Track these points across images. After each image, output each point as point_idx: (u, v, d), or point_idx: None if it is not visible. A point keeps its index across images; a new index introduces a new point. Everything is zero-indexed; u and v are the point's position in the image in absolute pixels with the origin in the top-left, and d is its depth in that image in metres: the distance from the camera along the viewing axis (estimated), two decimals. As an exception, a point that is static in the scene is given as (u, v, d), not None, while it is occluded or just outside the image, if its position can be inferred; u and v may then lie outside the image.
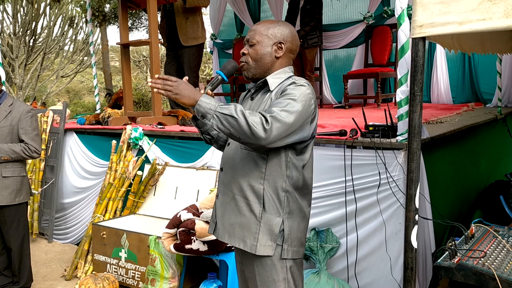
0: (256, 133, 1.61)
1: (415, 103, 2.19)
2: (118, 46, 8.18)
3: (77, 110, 14.91)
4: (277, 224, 1.79)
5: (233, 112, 1.62)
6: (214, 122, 1.65)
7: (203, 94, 1.70)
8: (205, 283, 3.14)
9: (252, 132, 1.61)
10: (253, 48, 1.86)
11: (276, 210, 1.79)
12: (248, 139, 1.64)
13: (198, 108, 1.66)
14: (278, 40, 1.86)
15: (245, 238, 1.81)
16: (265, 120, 1.63)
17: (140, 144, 4.17)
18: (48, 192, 4.65)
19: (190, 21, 5.42)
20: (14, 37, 10.12)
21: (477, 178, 4.19)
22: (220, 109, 1.63)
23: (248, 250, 1.81)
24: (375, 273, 2.94)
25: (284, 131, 1.67)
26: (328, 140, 3.11)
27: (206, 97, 1.68)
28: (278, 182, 1.79)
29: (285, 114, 1.66)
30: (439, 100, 5.87)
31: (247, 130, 1.61)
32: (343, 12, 6.69)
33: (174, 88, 1.68)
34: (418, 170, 2.22)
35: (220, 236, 1.91)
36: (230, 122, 1.62)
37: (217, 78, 1.89)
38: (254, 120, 1.62)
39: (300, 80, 1.80)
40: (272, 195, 1.79)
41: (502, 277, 2.03)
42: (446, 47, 2.70)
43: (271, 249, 1.79)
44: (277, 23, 1.89)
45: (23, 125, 3.33)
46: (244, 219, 1.82)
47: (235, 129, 1.63)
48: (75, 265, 3.94)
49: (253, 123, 1.61)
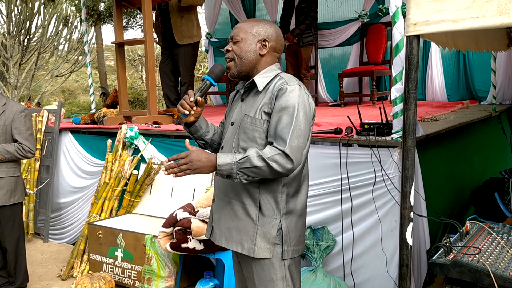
0: (283, 171, 1.68)
1: (410, 101, 2.20)
2: (113, 45, 8.16)
3: (72, 109, 14.86)
4: (274, 226, 1.79)
5: (254, 163, 1.66)
6: (241, 178, 1.69)
7: (217, 155, 1.70)
8: (202, 281, 3.14)
9: (278, 172, 1.68)
10: (237, 45, 1.85)
11: (272, 212, 1.80)
12: (278, 175, 1.71)
13: (221, 173, 1.69)
14: (262, 37, 1.85)
15: (243, 242, 1.81)
16: (285, 155, 1.67)
17: (136, 143, 4.17)
18: (44, 192, 4.63)
19: (185, 19, 5.41)
20: (8, 36, 10.06)
21: (471, 175, 4.22)
22: (240, 165, 1.67)
23: (246, 254, 1.81)
24: (371, 270, 2.95)
25: (303, 152, 1.74)
26: (323, 138, 3.11)
27: (221, 157, 1.69)
28: (273, 184, 1.79)
29: (297, 142, 1.70)
30: (434, 97, 5.90)
31: (273, 172, 1.68)
32: (338, 10, 6.71)
33: (190, 165, 1.68)
34: (413, 168, 2.23)
35: (217, 240, 1.90)
36: (255, 172, 1.67)
37: (205, 83, 1.88)
38: (274, 159, 1.66)
39: (290, 82, 1.78)
40: (268, 197, 1.79)
41: (497, 273, 2.04)
42: (441, 45, 2.71)
43: (269, 251, 1.79)
44: (262, 22, 1.89)
45: (16, 125, 3.31)
46: (241, 223, 1.82)
47: (262, 175, 1.69)
48: (71, 265, 3.93)
49: (274, 165, 1.66)
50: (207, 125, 2.04)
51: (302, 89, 1.77)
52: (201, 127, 2.00)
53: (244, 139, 1.81)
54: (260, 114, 1.78)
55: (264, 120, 1.78)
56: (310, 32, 5.59)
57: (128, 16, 12.67)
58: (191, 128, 1.99)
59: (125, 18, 12.57)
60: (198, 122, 1.98)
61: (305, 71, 5.68)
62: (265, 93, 1.82)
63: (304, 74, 5.66)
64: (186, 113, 1.86)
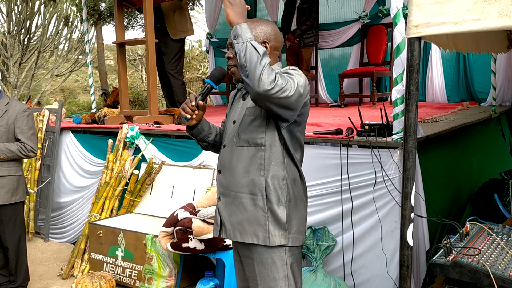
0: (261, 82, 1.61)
1: (411, 102, 2.21)
2: (113, 45, 8.17)
3: (71, 109, 14.85)
4: (282, 213, 1.81)
5: (261, 51, 1.63)
6: (240, 47, 1.65)
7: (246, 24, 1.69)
8: (202, 281, 3.16)
9: (259, 79, 1.61)
10: None
11: (278, 199, 1.82)
12: (252, 81, 1.63)
13: (237, 28, 1.66)
14: (262, 40, 1.86)
15: (257, 232, 1.82)
16: (275, 80, 1.63)
17: (137, 143, 4.18)
18: (44, 191, 4.64)
19: (177, 14, 5.43)
20: (8, 35, 10.06)
21: (470, 176, 4.23)
22: (253, 42, 1.65)
23: (261, 243, 1.81)
24: (371, 270, 2.96)
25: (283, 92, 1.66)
26: (324, 139, 3.13)
27: (248, 25, 1.68)
28: (277, 171, 1.82)
29: (290, 80, 1.68)
30: (434, 99, 5.91)
31: (258, 73, 1.61)
32: (339, 11, 6.72)
33: None
34: (414, 169, 2.24)
35: (231, 236, 1.90)
36: (252, 57, 1.63)
37: (206, 86, 1.89)
38: (268, 72, 1.62)
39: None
40: (273, 184, 1.81)
41: (497, 274, 2.05)
42: (442, 46, 2.72)
43: (284, 238, 1.81)
44: (258, 23, 1.89)
45: (19, 124, 3.32)
46: (251, 214, 1.83)
47: (250, 65, 1.62)
48: (71, 264, 3.94)
49: (265, 73, 1.61)
50: (209, 126, 2.05)
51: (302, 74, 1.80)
52: (203, 129, 2.02)
53: (244, 130, 1.84)
54: None
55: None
56: (311, 33, 5.61)
57: (129, 16, 12.67)
58: (194, 131, 2.01)
59: (126, 18, 12.57)
60: (200, 125, 2.00)
61: (306, 71, 5.70)
62: None
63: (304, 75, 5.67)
64: (188, 117, 1.87)
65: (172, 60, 5.44)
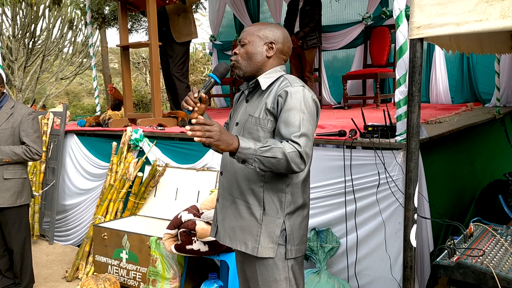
0: (297, 170, 1.69)
1: (413, 104, 2.21)
2: (117, 48, 8.19)
3: (76, 112, 14.91)
4: (278, 226, 1.81)
5: (276, 153, 1.65)
6: (256, 166, 1.66)
7: (239, 137, 1.67)
8: (206, 283, 3.16)
9: (292, 169, 1.68)
10: (244, 47, 1.89)
11: (276, 211, 1.81)
12: (291, 172, 1.71)
13: (238, 155, 1.65)
14: (269, 40, 1.89)
15: (247, 241, 1.83)
16: (300, 156, 1.67)
17: (141, 145, 4.19)
18: (49, 194, 4.66)
19: (182, 18, 5.44)
20: (13, 39, 10.13)
21: (474, 178, 4.21)
22: (261, 153, 1.65)
23: (249, 253, 1.83)
24: (375, 272, 2.96)
25: (310, 151, 1.75)
26: (327, 141, 3.13)
27: (243, 141, 1.66)
28: (278, 184, 1.81)
29: (307, 143, 1.70)
30: (438, 100, 5.89)
31: (288, 168, 1.67)
32: (342, 13, 6.72)
33: (215, 134, 1.61)
34: (417, 170, 2.24)
35: (221, 239, 1.93)
36: (272, 163, 1.66)
37: (209, 81, 1.90)
38: (292, 157, 1.66)
39: (294, 83, 1.81)
40: (272, 197, 1.81)
41: (501, 275, 2.05)
42: (444, 47, 2.72)
43: (272, 251, 1.81)
44: (270, 25, 1.93)
45: (24, 127, 3.35)
46: (245, 222, 1.83)
47: (276, 168, 1.67)
48: (76, 267, 3.95)
49: (292, 162, 1.66)
50: None
51: (306, 89, 1.80)
52: None
53: (248, 136, 1.83)
54: (264, 114, 1.81)
55: (268, 120, 1.80)
56: (314, 35, 5.61)
57: (132, 19, 12.71)
58: None
59: (130, 21, 12.61)
60: None
61: (309, 73, 5.70)
62: (268, 93, 1.85)
63: (308, 77, 5.67)
64: (190, 109, 1.87)
65: (177, 63, 5.46)
